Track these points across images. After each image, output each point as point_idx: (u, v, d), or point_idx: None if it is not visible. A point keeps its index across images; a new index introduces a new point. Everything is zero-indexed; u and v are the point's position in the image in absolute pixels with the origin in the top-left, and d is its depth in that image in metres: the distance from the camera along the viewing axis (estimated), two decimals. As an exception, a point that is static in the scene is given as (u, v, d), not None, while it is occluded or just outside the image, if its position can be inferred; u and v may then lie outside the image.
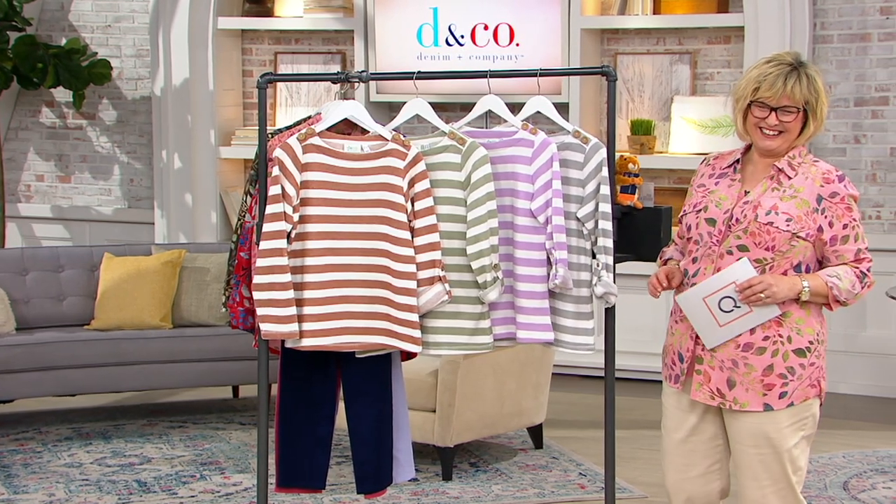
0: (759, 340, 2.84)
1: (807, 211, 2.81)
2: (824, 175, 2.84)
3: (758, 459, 2.86)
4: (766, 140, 2.85)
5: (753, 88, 2.83)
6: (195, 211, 6.58)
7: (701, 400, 2.90)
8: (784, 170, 2.85)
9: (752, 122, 2.85)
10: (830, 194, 2.83)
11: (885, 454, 4.68)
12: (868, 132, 5.67)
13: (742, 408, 2.86)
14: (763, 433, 2.86)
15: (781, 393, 2.84)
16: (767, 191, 2.85)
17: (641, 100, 6.04)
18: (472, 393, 4.41)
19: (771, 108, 2.82)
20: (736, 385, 2.86)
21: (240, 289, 3.41)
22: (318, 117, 3.34)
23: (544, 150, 3.17)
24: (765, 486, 2.87)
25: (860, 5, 5.62)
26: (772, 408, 2.84)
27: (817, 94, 2.82)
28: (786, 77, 2.80)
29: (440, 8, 6.11)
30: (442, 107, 6.08)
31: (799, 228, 2.81)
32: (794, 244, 2.82)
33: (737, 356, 2.86)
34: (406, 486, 4.30)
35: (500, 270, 3.18)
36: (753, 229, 2.82)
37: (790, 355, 2.83)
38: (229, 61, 6.65)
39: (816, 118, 2.83)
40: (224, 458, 4.71)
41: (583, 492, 4.31)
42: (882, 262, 5.58)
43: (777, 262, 2.83)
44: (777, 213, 2.81)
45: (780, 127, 2.83)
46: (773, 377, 2.84)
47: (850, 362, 5.66)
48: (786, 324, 2.84)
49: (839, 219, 2.83)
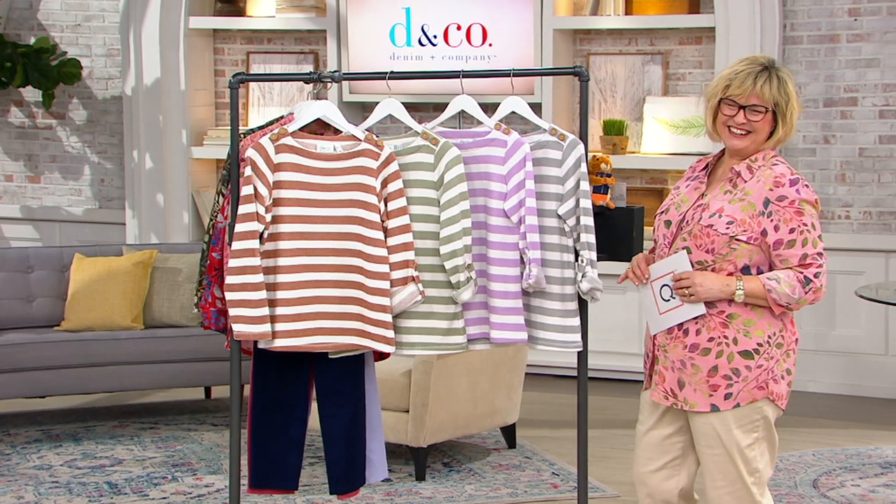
0: (705, 341, 2.86)
1: (752, 214, 2.82)
2: (776, 179, 2.84)
3: (712, 459, 2.89)
4: (734, 139, 2.86)
5: (724, 86, 2.85)
6: (167, 211, 6.55)
7: (657, 400, 2.94)
8: (741, 173, 2.87)
9: (721, 120, 2.87)
10: (778, 198, 2.82)
11: (854, 452, 4.73)
12: (837, 133, 5.72)
13: (692, 408, 2.89)
14: (714, 433, 2.88)
15: (727, 394, 2.85)
16: (720, 194, 2.87)
17: (614, 100, 6.07)
18: (446, 393, 4.41)
19: (740, 105, 2.83)
20: (685, 385, 2.89)
21: (212, 289, 3.40)
22: (291, 117, 3.33)
23: (517, 150, 3.18)
24: (719, 487, 2.89)
25: (829, 6, 5.66)
26: (718, 408, 2.86)
27: (787, 98, 2.83)
28: (756, 76, 2.82)
29: (413, 8, 6.11)
30: (415, 107, 6.08)
31: (740, 232, 2.81)
32: (734, 247, 2.82)
33: (685, 357, 2.88)
34: (379, 487, 4.30)
35: (474, 270, 3.18)
36: (696, 231, 2.85)
37: (735, 356, 2.84)
38: (201, 61, 6.62)
39: (786, 122, 2.84)
40: (196, 460, 4.68)
41: (556, 491, 4.32)
42: (851, 262, 5.65)
43: (718, 265, 2.84)
44: (720, 216, 2.83)
45: (748, 126, 2.84)
46: (717, 378, 2.85)
47: (819, 361, 5.70)
48: (732, 325, 2.84)
49: (786, 223, 2.81)
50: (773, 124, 2.85)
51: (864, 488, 4.31)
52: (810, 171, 5.76)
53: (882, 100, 5.62)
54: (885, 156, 5.64)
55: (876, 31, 5.60)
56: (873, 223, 5.68)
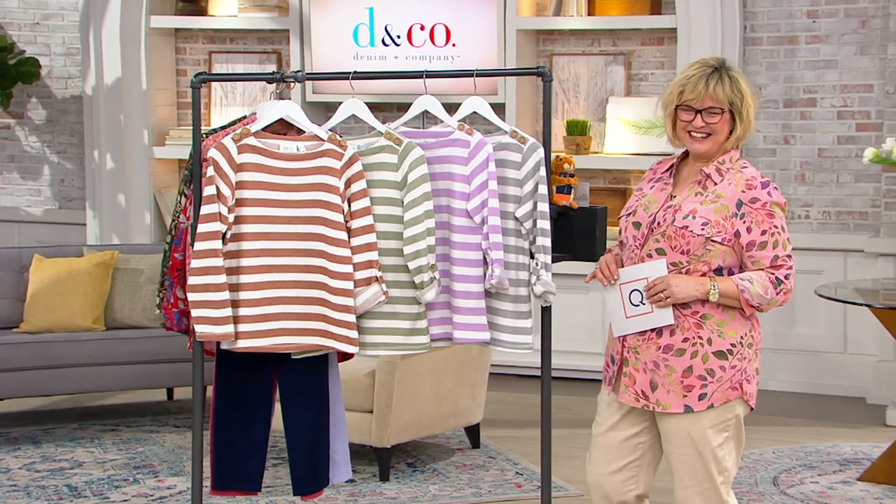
0: (679, 342, 2.87)
1: (725, 216, 2.85)
2: (748, 181, 2.88)
3: (682, 459, 2.90)
4: (696, 143, 2.89)
5: (678, 92, 2.88)
6: (128, 212, 6.50)
7: (627, 402, 2.94)
8: (711, 175, 2.89)
9: (680, 126, 2.90)
10: (751, 200, 2.86)
11: (814, 449, 4.78)
12: (797, 133, 5.78)
13: (664, 409, 2.89)
14: (686, 434, 2.89)
15: (701, 395, 2.87)
16: (691, 195, 2.89)
17: (577, 100, 6.09)
18: (410, 393, 4.41)
19: (696, 110, 2.86)
20: (658, 387, 2.89)
21: (174, 290, 3.38)
22: (254, 117, 3.32)
23: (480, 150, 3.18)
24: (688, 486, 2.90)
25: (788, 8, 5.72)
26: (692, 409, 2.87)
27: (742, 95, 2.86)
28: (707, 78, 2.85)
29: (376, 8, 6.10)
30: (378, 107, 6.07)
31: (714, 233, 2.84)
32: (709, 248, 2.85)
33: (658, 358, 2.89)
34: (343, 488, 4.29)
35: (437, 271, 3.18)
36: (670, 233, 2.86)
37: (710, 357, 2.86)
38: (162, 60, 6.58)
39: (743, 119, 2.87)
40: (158, 462, 4.65)
41: (519, 491, 4.33)
42: (810, 261, 5.71)
43: (693, 266, 2.86)
44: (694, 217, 2.85)
45: (707, 129, 2.86)
46: (692, 379, 2.87)
47: (779, 359, 5.76)
48: (706, 326, 2.86)
49: (758, 225, 2.85)
50: (732, 124, 2.88)
51: (823, 485, 4.36)
52: (771, 171, 5.82)
53: (840, 101, 5.68)
54: (843, 156, 5.71)
55: (833, 33, 5.67)
56: (832, 223, 5.74)
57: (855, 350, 5.65)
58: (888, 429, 5.05)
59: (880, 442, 4.77)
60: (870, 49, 5.61)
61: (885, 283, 4.90)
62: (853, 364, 5.65)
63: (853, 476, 4.43)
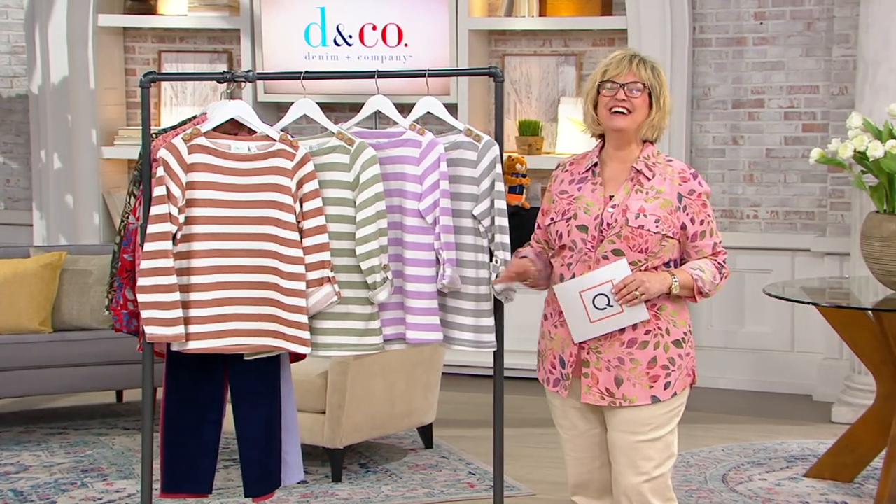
0: (642, 335, 2.93)
1: (670, 210, 2.92)
2: (680, 174, 2.96)
3: (636, 447, 2.94)
4: (616, 118, 2.93)
5: (602, 71, 2.96)
6: (76, 212, 6.43)
7: (591, 402, 2.96)
8: (642, 171, 2.95)
9: (602, 103, 2.94)
10: (689, 192, 2.94)
11: (762, 446, 4.84)
12: (745, 133, 5.85)
13: (631, 403, 2.93)
14: (643, 421, 2.94)
15: (666, 383, 2.94)
16: (631, 193, 2.94)
17: (529, 101, 6.12)
18: (362, 394, 4.41)
19: (619, 84, 2.92)
20: (623, 382, 2.93)
21: (123, 291, 3.35)
22: (204, 117, 3.30)
23: (431, 150, 3.19)
24: (642, 474, 2.94)
25: (736, 10, 5.79)
26: (659, 399, 2.93)
27: (661, 83, 2.95)
28: (631, 59, 2.95)
29: (328, 8, 6.09)
30: (331, 107, 6.05)
31: (666, 228, 2.91)
32: (664, 244, 2.92)
33: (622, 353, 2.93)
34: (295, 489, 4.27)
35: (390, 271, 3.18)
36: (626, 233, 2.90)
37: (670, 347, 2.94)
38: (111, 59, 6.51)
39: (660, 108, 2.94)
40: (107, 465, 4.60)
41: (472, 490, 4.34)
42: (759, 261, 5.78)
43: (651, 263, 2.93)
44: (645, 215, 2.91)
45: (629, 104, 2.92)
46: (657, 369, 2.93)
47: (728, 358, 5.83)
48: (662, 317, 2.94)
49: (697, 215, 2.95)
50: (649, 110, 2.94)
51: (771, 482, 4.42)
52: (720, 171, 5.89)
53: (787, 102, 5.76)
54: (790, 156, 5.79)
55: (780, 35, 5.75)
56: (780, 222, 5.82)
57: (802, 348, 5.73)
58: (834, 425, 5.13)
59: (826, 439, 4.84)
60: (815, 51, 5.70)
61: (831, 282, 4.97)
62: (800, 362, 5.73)
63: (800, 472, 4.49)
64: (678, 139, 5.78)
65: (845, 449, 4.36)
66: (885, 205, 4.18)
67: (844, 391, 5.34)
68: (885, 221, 4.13)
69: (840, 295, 4.63)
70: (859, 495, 4.25)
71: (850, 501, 4.20)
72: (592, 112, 2.98)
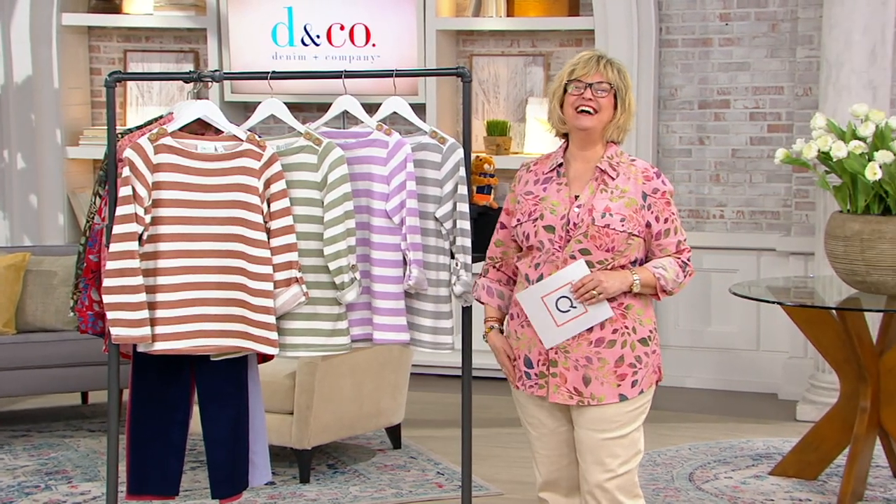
0: (609, 334, 2.95)
1: (636, 209, 2.94)
2: (644, 173, 2.99)
3: (603, 444, 2.96)
4: (582, 118, 2.95)
5: (569, 71, 2.98)
6: (41, 212, 6.37)
7: (560, 401, 2.98)
8: (606, 170, 2.97)
9: (569, 102, 2.96)
10: (653, 190, 2.97)
11: (727, 445, 4.87)
12: (711, 134, 5.89)
13: (599, 402, 2.95)
14: (610, 419, 2.96)
15: (633, 381, 2.96)
16: (596, 193, 2.96)
17: (497, 101, 6.13)
18: (330, 394, 4.40)
19: (586, 84, 2.94)
20: (591, 381, 2.95)
21: (89, 292, 3.32)
22: (171, 117, 3.28)
23: (398, 150, 3.19)
24: (609, 471, 2.96)
25: (701, 11, 5.83)
26: (626, 397, 2.96)
27: (626, 86, 2.97)
28: (598, 59, 2.97)
29: (295, 7, 6.07)
30: (298, 107, 6.04)
31: (632, 227, 2.94)
32: (630, 243, 2.95)
33: (590, 352, 2.95)
34: (262, 490, 4.26)
35: (358, 271, 3.18)
36: (592, 233, 2.92)
37: (636, 345, 2.96)
38: (75, 59, 6.46)
39: (626, 109, 2.97)
40: (71, 467, 4.56)
41: (440, 490, 4.35)
42: (725, 260, 5.82)
43: (617, 262, 2.95)
44: (611, 214, 2.93)
45: (595, 104, 2.94)
46: (624, 367, 2.96)
47: (695, 357, 5.86)
48: (629, 315, 2.96)
49: (662, 213, 2.98)
50: (614, 111, 2.96)
51: (736, 480, 4.45)
52: (686, 171, 5.93)
53: (752, 102, 5.81)
54: (755, 157, 5.83)
55: (745, 36, 5.79)
56: (746, 222, 5.86)
57: (767, 347, 5.78)
58: (798, 423, 5.17)
59: (790, 437, 4.89)
60: (780, 52, 5.75)
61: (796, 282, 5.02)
62: (766, 361, 5.78)
63: (765, 470, 4.53)
64: (645, 139, 5.81)
65: (809, 447, 4.40)
66: (848, 205, 4.23)
67: (809, 389, 5.39)
68: (848, 221, 4.17)
69: (804, 294, 4.68)
70: (823, 492, 4.30)
71: (814, 499, 4.24)
72: (558, 111, 3.00)
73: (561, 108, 2.98)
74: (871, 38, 5.14)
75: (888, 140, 4.15)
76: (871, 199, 4.15)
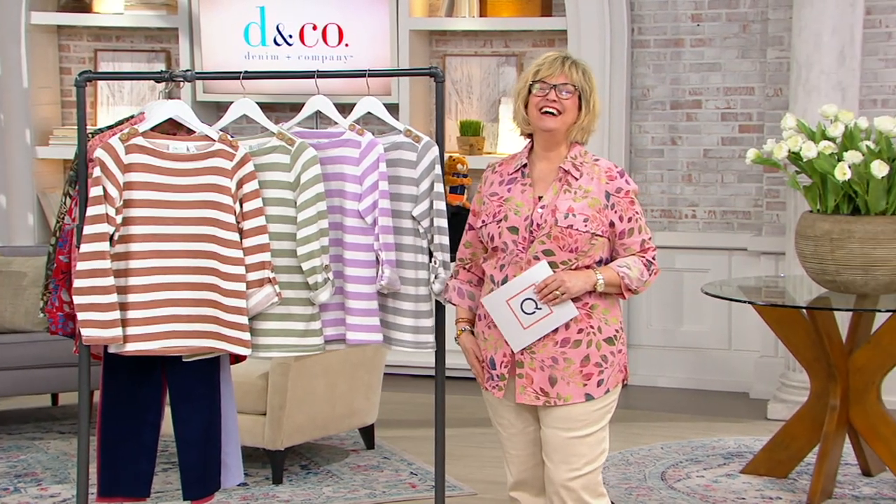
0: (575, 334, 2.96)
1: (599, 209, 2.95)
2: (607, 172, 2.99)
3: (568, 443, 2.97)
4: (546, 119, 2.96)
5: (534, 72, 2.98)
6: (10, 213, 6.32)
7: (527, 402, 2.99)
8: (570, 171, 2.98)
9: (533, 103, 2.97)
10: (616, 190, 2.98)
11: (699, 444, 4.90)
12: (683, 134, 5.92)
13: (566, 402, 2.96)
14: (576, 418, 2.97)
15: (599, 381, 2.97)
16: (560, 193, 2.96)
17: (470, 101, 6.14)
18: (303, 395, 4.39)
19: (551, 85, 2.95)
20: (557, 381, 2.96)
21: (59, 293, 3.30)
22: (142, 117, 3.26)
23: (371, 150, 3.19)
24: (574, 470, 2.97)
25: (673, 12, 5.86)
26: (592, 397, 2.97)
27: (591, 88, 2.98)
28: (563, 60, 2.98)
29: (267, 7, 6.05)
30: (271, 107, 6.02)
31: (595, 227, 2.94)
32: (593, 243, 2.95)
33: (556, 353, 2.95)
34: (235, 491, 4.24)
35: (331, 271, 3.17)
36: (556, 233, 2.93)
37: (602, 344, 2.97)
38: (45, 58, 6.41)
39: (590, 110, 2.98)
40: (41, 469, 4.53)
41: (414, 491, 4.35)
42: (697, 260, 5.86)
43: (581, 262, 2.95)
44: (574, 214, 2.93)
45: (559, 105, 2.95)
46: (590, 367, 2.96)
47: (667, 356, 5.89)
48: (594, 315, 2.97)
49: (625, 213, 2.98)
50: (579, 113, 2.97)
51: (708, 478, 4.48)
52: (658, 171, 5.95)
53: (724, 102, 5.84)
54: (727, 157, 5.87)
55: (717, 37, 5.83)
56: (717, 222, 5.90)
57: (739, 346, 5.82)
58: (769, 422, 5.21)
59: (761, 435, 4.92)
60: (750, 52, 5.79)
61: (767, 281, 5.06)
62: (737, 360, 5.81)
63: (736, 469, 4.56)
64: (617, 139, 5.83)
65: (780, 445, 4.43)
66: (818, 204, 4.26)
67: (780, 388, 5.43)
68: (818, 221, 4.21)
69: (775, 294, 4.71)
70: (793, 490, 4.33)
71: (785, 497, 4.27)
72: (523, 111, 3.00)
73: (525, 108, 2.99)
74: (839, 39, 5.18)
75: (857, 140, 4.18)
76: (841, 198, 4.19)
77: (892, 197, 4.13)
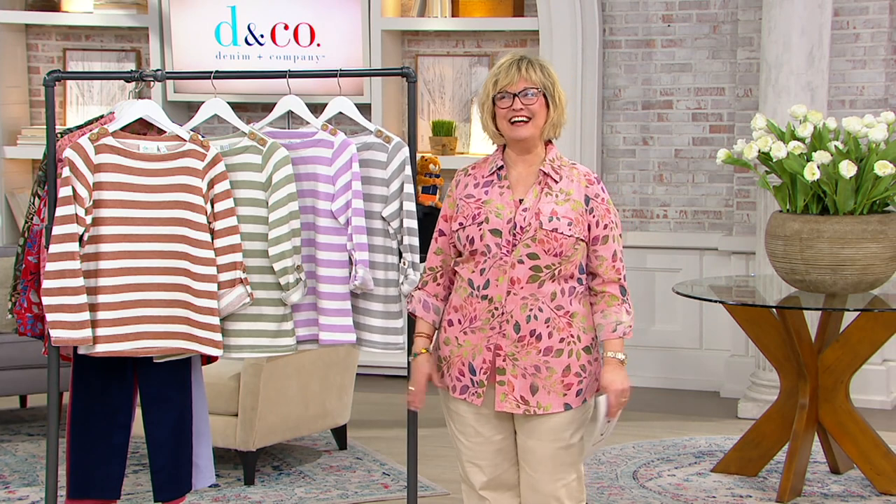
0: (557, 343, 2.92)
1: (581, 212, 2.92)
2: (586, 177, 2.97)
3: (556, 454, 2.96)
4: (517, 129, 2.92)
5: (493, 82, 2.93)
6: (-22, 213, 6.26)
7: (507, 410, 2.95)
8: (550, 174, 2.95)
9: (500, 115, 2.92)
10: (595, 195, 2.95)
11: (671, 443, 4.92)
12: (655, 134, 5.95)
13: (546, 411, 2.93)
14: (561, 428, 2.96)
15: (578, 391, 2.95)
16: (541, 196, 2.93)
17: (442, 101, 6.14)
18: (276, 395, 4.37)
19: (513, 94, 2.91)
20: (538, 390, 2.93)
21: (27, 294, 3.27)
22: (112, 117, 3.24)
23: (344, 151, 3.18)
24: (558, 479, 2.97)
25: (644, 13, 5.89)
26: (571, 407, 2.95)
27: (553, 82, 2.94)
28: (518, 63, 2.92)
29: (238, 7, 6.03)
30: (243, 107, 5.99)
31: (579, 231, 2.91)
32: (576, 247, 2.92)
33: (539, 361, 2.92)
34: (206, 493, 4.22)
35: (303, 272, 3.16)
36: (541, 237, 2.89)
37: (581, 354, 2.94)
38: (13, 57, 6.35)
39: (557, 105, 2.94)
40: (9, 472, 4.49)
41: (386, 491, 4.34)
42: (668, 260, 5.89)
43: (563, 267, 2.92)
44: (558, 217, 2.90)
45: (527, 112, 2.91)
46: (570, 377, 2.94)
47: (639, 356, 5.91)
48: (574, 324, 2.94)
49: (602, 219, 2.95)
50: (547, 110, 2.94)
51: (679, 477, 4.50)
52: (630, 171, 5.98)
53: (695, 103, 5.88)
54: (698, 157, 5.90)
55: (687, 38, 5.86)
56: (689, 222, 5.93)
57: (710, 345, 5.85)
58: (740, 421, 5.24)
59: (732, 434, 4.95)
60: (721, 53, 5.82)
61: (738, 281, 5.09)
62: (708, 359, 5.85)
63: (707, 468, 4.58)
64: (589, 140, 5.85)
65: (750, 444, 4.46)
66: (788, 204, 4.29)
67: (750, 387, 5.46)
68: (788, 221, 4.24)
69: (746, 293, 4.74)
70: (763, 489, 4.36)
71: (755, 495, 4.30)
72: (492, 126, 2.95)
73: (493, 120, 2.94)
74: (808, 40, 5.22)
75: (826, 141, 4.22)
76: (810, 198, 4.22)
77: (860, 197, 4.17)
